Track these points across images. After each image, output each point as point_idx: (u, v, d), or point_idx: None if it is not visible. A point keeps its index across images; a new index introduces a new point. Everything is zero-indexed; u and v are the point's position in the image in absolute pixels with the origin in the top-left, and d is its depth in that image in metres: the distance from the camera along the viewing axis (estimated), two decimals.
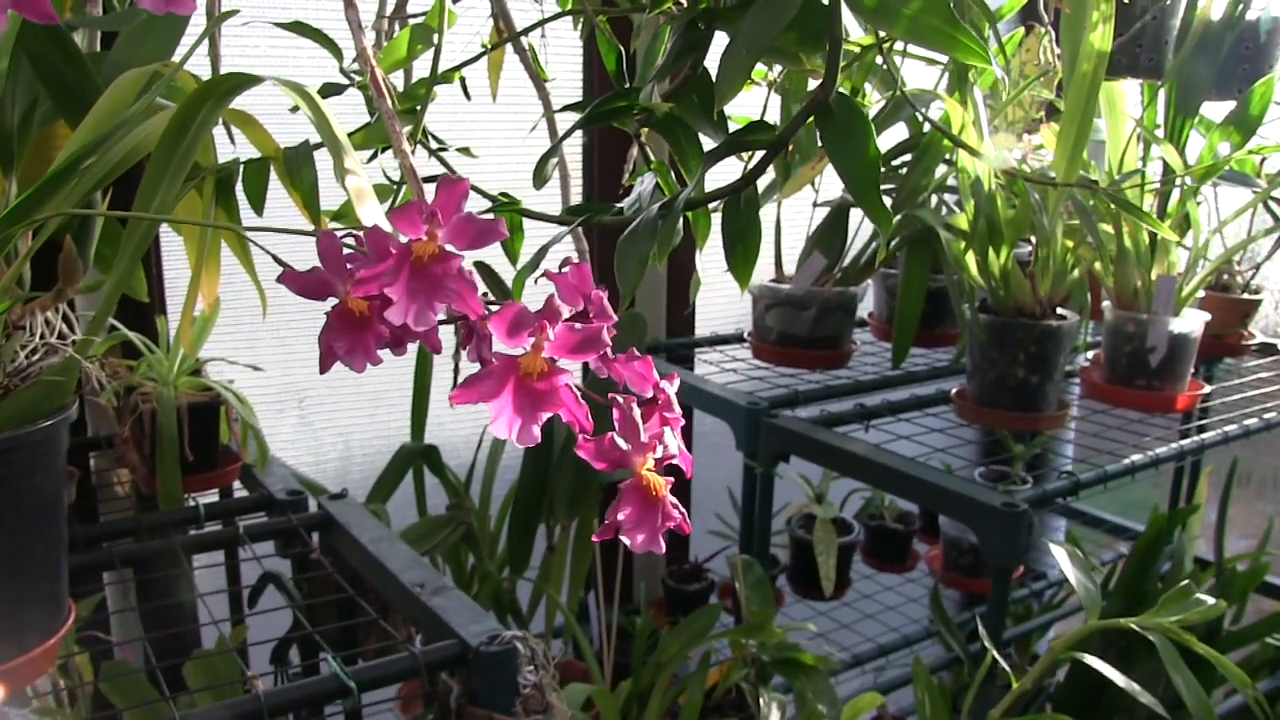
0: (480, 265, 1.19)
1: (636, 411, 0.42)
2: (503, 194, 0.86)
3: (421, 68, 1.06)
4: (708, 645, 1.28)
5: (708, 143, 0.83)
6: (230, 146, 0.95)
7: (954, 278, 1.32)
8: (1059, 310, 1.28)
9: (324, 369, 0.43)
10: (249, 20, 1.02)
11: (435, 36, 0.85)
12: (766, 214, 1.55)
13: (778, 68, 1.10)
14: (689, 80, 0.74)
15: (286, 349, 1.50)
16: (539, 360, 0.40)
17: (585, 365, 0.48)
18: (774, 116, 1.25)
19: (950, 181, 1.40)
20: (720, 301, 1.92)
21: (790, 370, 1.56)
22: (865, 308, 1.71)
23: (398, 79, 1.09)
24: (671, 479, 0.42)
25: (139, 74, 0.77)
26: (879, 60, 0.92)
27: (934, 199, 1.49)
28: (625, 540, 0.41)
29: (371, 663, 0.77)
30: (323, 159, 0.84)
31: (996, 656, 0.95)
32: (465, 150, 0.94)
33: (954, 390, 1.34)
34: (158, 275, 1.30)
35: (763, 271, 1.60)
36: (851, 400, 1.46)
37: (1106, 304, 1.37)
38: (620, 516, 0.41)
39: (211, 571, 1.34)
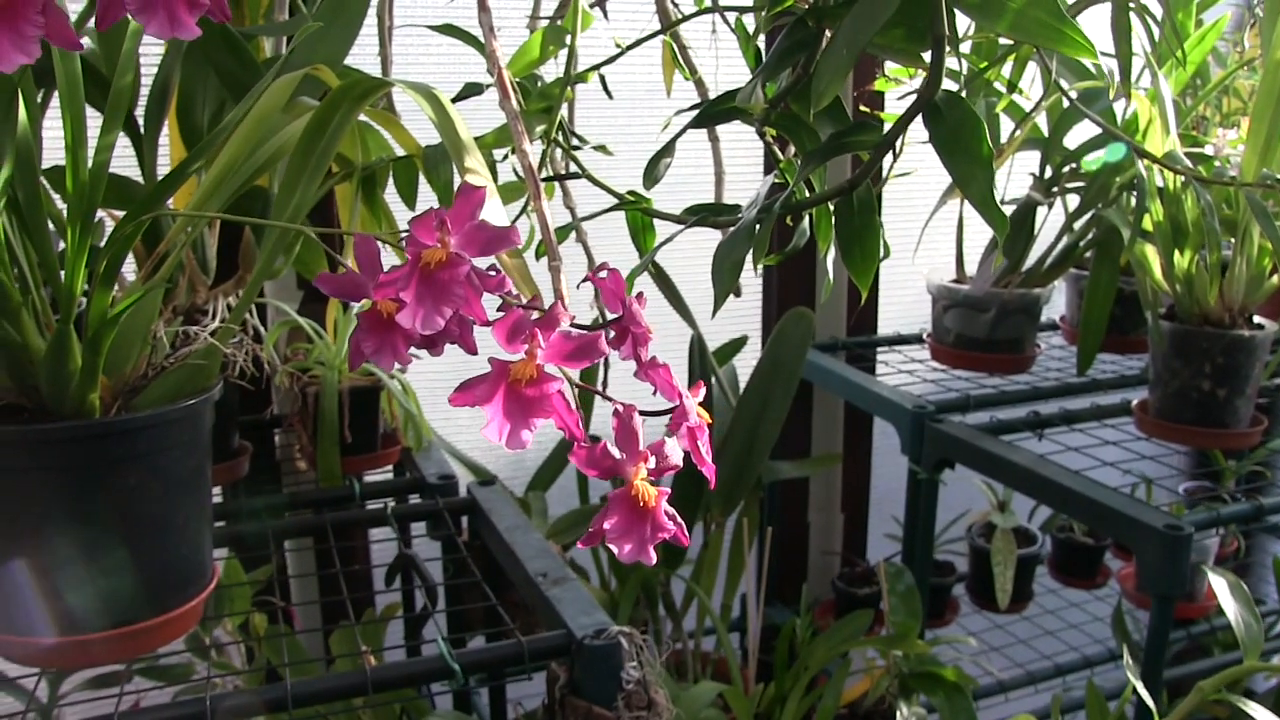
0: (655, 266, 1.20)
1: (637, 420, 0.42)
2: (631, 192, 0.87)
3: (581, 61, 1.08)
4: (859, 651, 1.26)
5: None
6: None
7: (1140, 281, 1.24)
8: (1256, 319, 1.18)
9: (352, 367, 0.45)
10: (405, 23, 1.06)
11: (568, 39, 0.86)
12: (949, 211, 1.51)
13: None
14: (801, 78, 0.72)
15: None
16: (530, 367, 0.40)
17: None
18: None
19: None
20: (907, 300, 1.87)
21: (968, 374, 1.50)
22: (1057, 310, 1.63)
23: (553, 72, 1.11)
24: (667, 490, 0.42)
25: (290, 78, 0.81)
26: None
27: (1130, 199, 1.40)
28: (613, 549, 0.41)
29: (477, 647, 0.80)
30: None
31: (1140, 690, 0.89)
32: (601, 148, 0.95)
33: (1135, 402, 1.26)
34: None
35: (943, 270, 1.55)
36: (1027, 407, 1.39)
37: None
38: (606, 525, 0.41)
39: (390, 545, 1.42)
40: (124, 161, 0.95)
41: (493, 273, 0.47)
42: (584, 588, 0.90)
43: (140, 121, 0.95)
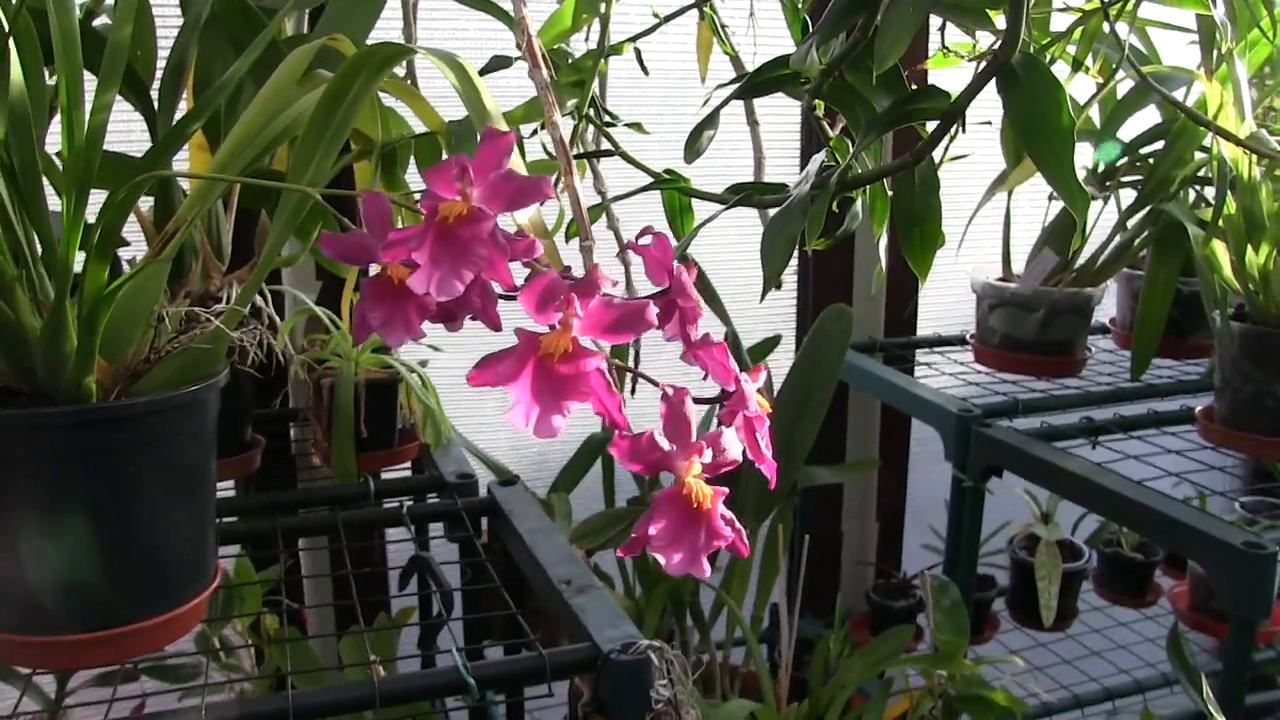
0: (683, 255, 1.14)
1: (690, 407, 0.35)
2: (667, 171, 0.81)
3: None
4: (899, 670, 1.19)
5: None
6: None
7: (1206, 279, 1.17)
8: None
9: (357, 341, 0.39)
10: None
11: (603, 6, 0.80)
12: (996, 204, 1.44)
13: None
14: (859, 44, 0.66)
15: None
16: (564, 339, 0.34)
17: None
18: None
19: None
20: (948, 299, 1.80)
21: (1014, 377, 1.44)
22: (1105, 312, 1.55)
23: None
24: (725, 490, 0.36)
25: (306, 50, 0.76)
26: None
27: (1191, 193, 1.33)
28: (659, 559, 0.35)
29: (495, 660, 0.74)
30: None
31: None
32: (636, 125, 0.89)
33: (1199, 408, 1.19)
34: None
35: (989, 267, 1.48)
36: (1079, 413, 1.32)
37: None
38: (651, 530, 0.34)
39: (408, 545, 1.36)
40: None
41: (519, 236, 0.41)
42: (610, 596, 0.84)
43: (155, 98, 0.90)
